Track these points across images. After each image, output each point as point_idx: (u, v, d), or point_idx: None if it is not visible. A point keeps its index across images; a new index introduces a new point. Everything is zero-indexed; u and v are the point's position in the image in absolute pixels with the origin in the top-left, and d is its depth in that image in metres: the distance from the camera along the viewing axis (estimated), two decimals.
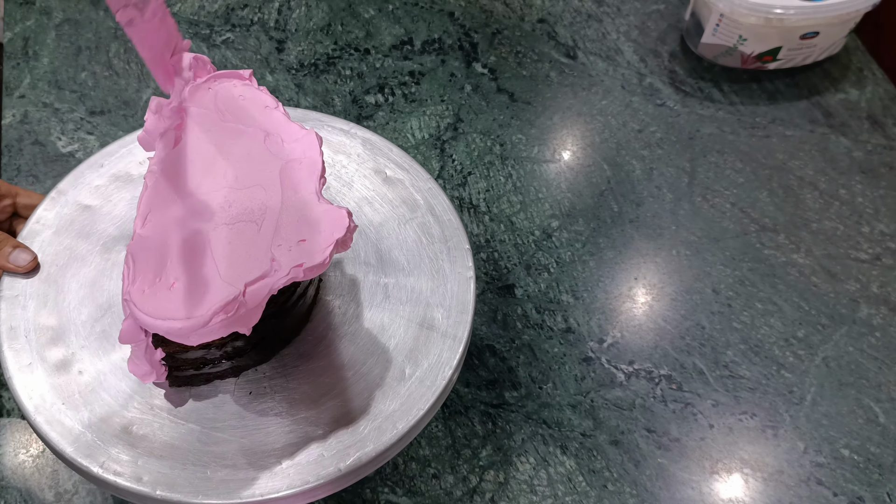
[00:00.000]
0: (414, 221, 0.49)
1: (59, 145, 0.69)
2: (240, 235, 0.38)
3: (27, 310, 0.44)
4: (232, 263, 0.37)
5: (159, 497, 0.38)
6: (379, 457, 0.40)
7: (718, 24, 0.75)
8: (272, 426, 0.41)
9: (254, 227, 0.38)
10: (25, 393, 0.41)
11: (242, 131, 0.42)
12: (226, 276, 0.36)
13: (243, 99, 0.43)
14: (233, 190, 0.40)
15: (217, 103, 0.43)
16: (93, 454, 0.39)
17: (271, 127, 0.42)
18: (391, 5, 0.83)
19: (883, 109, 0.76)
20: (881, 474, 0.55)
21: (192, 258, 0.37)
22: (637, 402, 0.58)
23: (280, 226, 0.38)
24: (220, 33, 0.79)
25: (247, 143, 0.41)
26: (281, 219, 0.38)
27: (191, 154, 0.41)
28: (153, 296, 0.36)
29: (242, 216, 0.39)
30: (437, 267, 0.47)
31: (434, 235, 0.49)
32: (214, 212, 0.39)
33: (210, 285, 0.36)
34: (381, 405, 0.42)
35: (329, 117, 0.54)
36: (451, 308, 0.46)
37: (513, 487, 0.53)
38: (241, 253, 0.37)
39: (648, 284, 0.64)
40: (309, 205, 0.39)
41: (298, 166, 0.40)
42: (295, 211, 0.38)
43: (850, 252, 0.66)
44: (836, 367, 0.60)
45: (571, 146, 0.73)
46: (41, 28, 0.78)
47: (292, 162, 0.40)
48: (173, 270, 0.37)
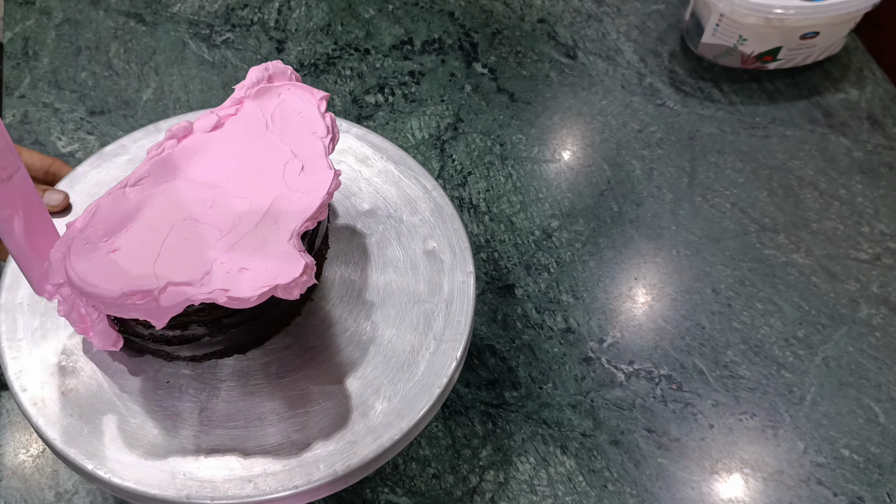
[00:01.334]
0: (414, 221, 0.49)
1: (59, 145, 0.69)
2: (198, 236, 0.38)
3: (27, 309, 0.44)
4: (172, 258, 0.37)
5: (159, 497, 0.38)
6: (379, 457, 0.40)
7: (718, 24, 0.75)
8: (272, 426, 0.41)
9: (215, 234, 0.38)
10: (25, 392, 0.41)
11: (274, 146, 0.41)
12: (158, 268, 0.36)
13: (299, 116, 0.42)
14: (222, 193, 0.40)
15: (274, 111, 0.42)
16: (93, 454, 0.39)
17: (302, 153, 0.41)
18: (391, 5, 0.83)
19: (883, 109, 0.76)
20: (881, 474, 0.55)
21: (144, 237, 0.37)
22: (637, 402, 0.58)
23: (237, 245, 0.37)
24: (220, 33, 0.79)
25: (268, 158, 0.41)
26: (244, 239, 0.38)
27: (214, 145, 0.41)
28: (90, 252, 0.36)
29: (212, 220, 0.38)
30: (437, 267, 0.47)
31: (434, 235, 0.49)
32: (193, 205, 0.39)
33: (140, 268, 0.36)
34: (381, 405, 0.42)
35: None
36: (450, 308, 0.46)
37: (513, 487, 0.53)
38: (187, 252, 0.37)
39: (648, 284, 0.64)
40: (276, 241, 0.38)
41: (294, 200, 0.39)
42: (260, 239, 0.38)
43: (850, 252, 0.66)
44: (836, 367, 0.60)
45: (571, 146, 0.73)
46: (41, 28, 0.78)
47: (293, 193, 0.40)
48: (122, 240, 0.37)
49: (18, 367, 0.42)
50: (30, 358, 0.42)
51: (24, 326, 0.43)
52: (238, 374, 0.43)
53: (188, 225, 0.38)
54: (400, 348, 0.44)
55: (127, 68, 0.75)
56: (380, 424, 0.41)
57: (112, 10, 0.80)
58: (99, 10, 0.80)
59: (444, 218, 0.49)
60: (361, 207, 0.50)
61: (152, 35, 0.78)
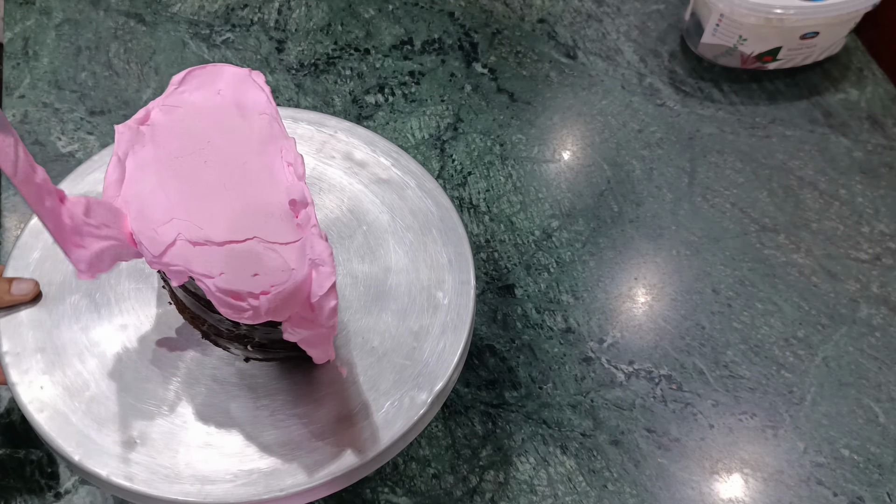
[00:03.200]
0: (414, 221, 0.49)
1: (59, 145, 0.69)
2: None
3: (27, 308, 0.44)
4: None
5: (158, 497, 0.38)
6: (379, 457, 0.40)
7: (718, 24, 0.75)
8: (272, 426, 0.41)
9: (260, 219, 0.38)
10: (25, 391, 0.41)
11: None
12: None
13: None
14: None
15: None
16: (93, 454, 0.39)
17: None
18: (391, 5, 0.83)
19: (883, 109, 0.76)
20: (881, 474, 0.55)
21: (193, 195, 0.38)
22: (637, 402, 0.58)
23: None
24: (220, 33, 0.79)
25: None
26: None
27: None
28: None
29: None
30: (437, 267, 0.47)
31: (434, 235, 0.49)
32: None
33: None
34: (381, 405, 0.42)
35: (329, 117, 0.54)
36: (450, 308, 0.46)
37: (513, 487, 0.53)
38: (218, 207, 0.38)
39: (648, 284, 0.64)
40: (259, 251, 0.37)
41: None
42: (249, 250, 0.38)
43: (850, 252, 0.66)
44: (836, 367, 0.60)
45: (571, 146, 0.73)
46: (41, 28, 0.78)
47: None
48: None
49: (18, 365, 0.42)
50: (30, 357, 0.42)
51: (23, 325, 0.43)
52: (238, 373, 0.43)
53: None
54: (399, 348, 0.44)
55: (127, 68, 0.75)
56: (380, 424, 0.41)
57: (112, 10, 0.80)
58: (99, 10, 0.80)
59: (444, 218, 0.49)
60: (361, 207, 0.50)
61: (152, 35, 0.78)
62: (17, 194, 0.66)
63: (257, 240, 0.37)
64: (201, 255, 0.36)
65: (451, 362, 0.43)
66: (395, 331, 0.45)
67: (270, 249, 0.37)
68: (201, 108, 0.42)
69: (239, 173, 0.40)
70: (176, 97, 0.43)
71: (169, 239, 0.37)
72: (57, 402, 0.41)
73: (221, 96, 0.43)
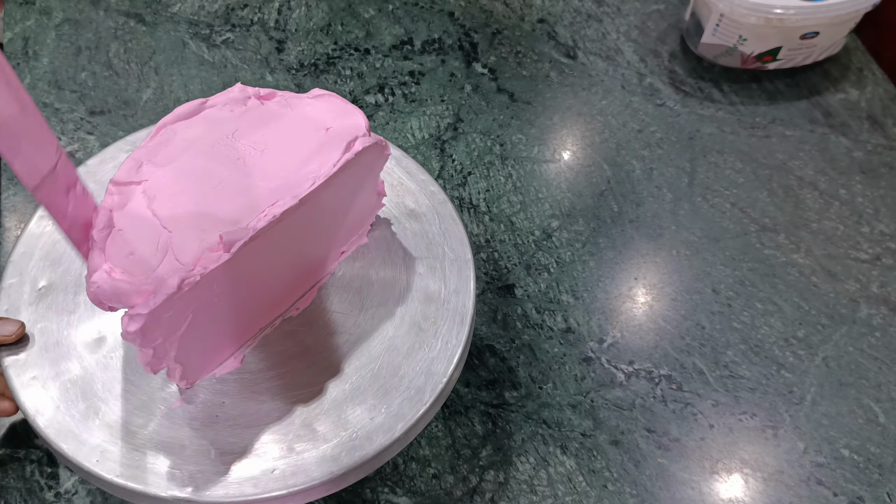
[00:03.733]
0: (414, 221, 0.49)
1: None
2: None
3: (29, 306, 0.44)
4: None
5: (158, 496, 0.38)
6: (379, 457, 0.40)
7: (718, 24, 0.75)
8: (271, 426, 0.41)
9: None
10: (25, 391, 0.41)
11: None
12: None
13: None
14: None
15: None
16: (92, 453, 0.39)
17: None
18: (391, 5, 0.83)
19: (883, 109, 0.76)
20: (881, 474, 0.55)
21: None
22: (637, 402, 0.58)
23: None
24: (220, 33, 0.79)
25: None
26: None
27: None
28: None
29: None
30: (437, 267, 0.47)
31: (434, 235, 0.49)
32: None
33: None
34: (381, 405, 0.42)
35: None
36: (450, 308, 0.46)
37: (513, 487, 0.53)
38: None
39: (648, 284, 0.64)
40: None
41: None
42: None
43: (850, 252, 0.66)
44: (836, 367, 0.60)
45: (571, 146, 0.73)
46: (41, 28, 0.78)
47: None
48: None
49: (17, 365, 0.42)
50: (29, 356, 0.42)
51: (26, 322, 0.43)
52: (237, 373, 0.43)
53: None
54: (400, 348, 0.44)
55: (127, 68, 0.75)
56: (380, 424, 0.41)
57: (112, 10, 0.80)
58: (99, 10, 0.80)
59: (444, 218, 0.49)
60: None
61: (152, 35, 0.78)
62: (17, 194, 0.66)
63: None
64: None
65: (451, 362, 0.43)
66: (394, 331, 0.45)
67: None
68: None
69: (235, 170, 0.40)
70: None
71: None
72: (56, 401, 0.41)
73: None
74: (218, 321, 0.40)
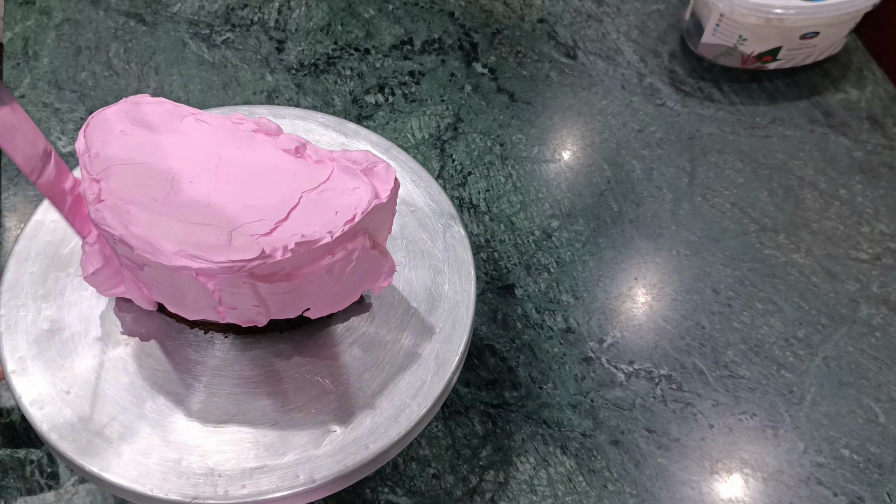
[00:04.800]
0: (413, 221, 0.49)
1: (59, 145, 0.69)
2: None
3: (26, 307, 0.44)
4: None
5: (158, 496, 0.38)
6: (379, 457, 0.40)
7: (718, 24, 0.75)
8: (271, 425, 0.41)
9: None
10: (24, 391, 0.41)
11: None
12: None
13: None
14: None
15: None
16: (92, 453, 0.39)
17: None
18: (391, 5, 0.83)
19: (883, 109, 0.76)
20: (881, 474, 0.55)
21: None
22: (637, 402, 0.58)
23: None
24: (220, 33, 0.79)
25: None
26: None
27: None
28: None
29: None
30: (437, 267, 0.47)
31: (434, 235, 0.49)
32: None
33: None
34: (381, 405, 0.42)
35: (329, 117, 0.54)
36: (450, 308, 0.46)
37: (513, 487, 0.53)
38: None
39: (648, 284, 0.64)
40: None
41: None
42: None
43: (850, 252, 0.66)
44: (836, 367, 0.60)
45: (571, 146, 0.73)
46: (41, 28, 0.78)
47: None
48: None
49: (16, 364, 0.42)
50: (28, 355, 0.42)
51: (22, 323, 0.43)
52: (237, 372, 0.43)
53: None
54: (400, 348, 0.44)
55: (127, 68, 0.75)
56: (379, 424, 0.41)
57: (112, 10, 0.80)
58: (99, 10, 0.80)
59: (444, 218, 0.49)
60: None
61: (152, 35, 0.78)
62: (17, 194, 0.66)
63: (304, 195, 0.37)
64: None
65: (451, 362, 0.43)
66: (394, 330, 0.45)
67: (322, 192, 0.37)
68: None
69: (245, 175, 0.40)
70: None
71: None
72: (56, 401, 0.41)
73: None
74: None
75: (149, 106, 0.42)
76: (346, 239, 0.37)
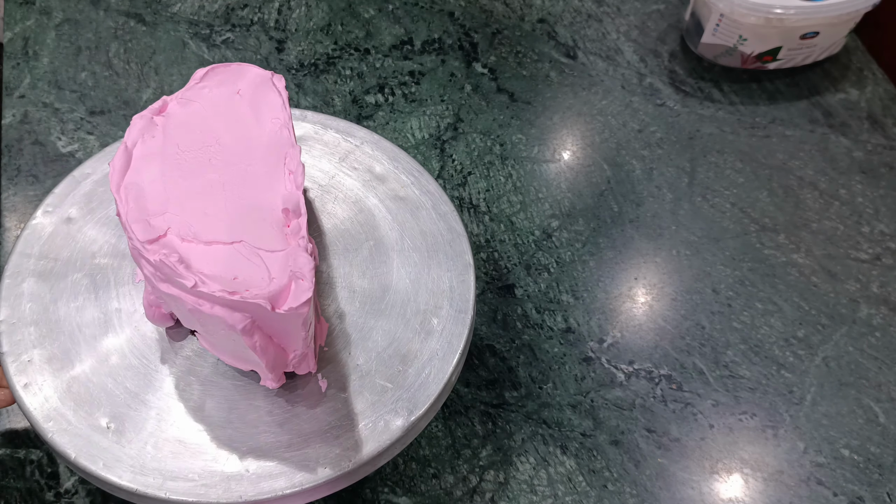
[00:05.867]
0: (413, 221, 0.49)
1: (59, 145, 0.69)
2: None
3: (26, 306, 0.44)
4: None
5: (158, 497, 0.38)
6: (378, 457, 0.40)
7: (718, 24, 0.75)
8: (271, 426, 0.41)
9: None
10: (26, 391, 0.41)
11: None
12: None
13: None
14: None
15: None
16: (92, 453, 0.39)
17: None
18: (391, 5, 0.83)
19: (883, 109, 0.76)
20: (881, 474, 0.55)
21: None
22: (637, 402, 0.58)
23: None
24: (220, 33, 0.79)
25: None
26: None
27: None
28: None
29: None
30: (437, 267, 0.47)
31: (434, 235, 0.49)
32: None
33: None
34: (381, 405, 0.42)
35: (329, 117, 0.54)
36: (450, 308, 0.46)
37: (513, 487, 0.53)
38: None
39: (648, 284, 0.64)
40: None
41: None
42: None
43: (850, 252, 0.66)
44: (836, 367, 0.60)
45: (571, 146, 0.73)
46: (41, 28, 0.78)
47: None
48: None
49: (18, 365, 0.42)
50: (30, 356, 0.42)
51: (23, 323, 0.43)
52: (237, 372, 0.43)
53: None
54: (400, 348, 0.44)
55: (127, 68, 0.75)
56: (379, 424, 0.41)
57: (112, 10, 0.80)
58: (99, 10, 0.80)
59: (444, 218, 0.49)
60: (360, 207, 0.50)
61: (152, 35, 0.78)
62: (17, 194, 0.66)
63: (244, 244, 0.37)
64: (186, 250, 0.36)
65: (451, 362, 0.43)
66: (394, 331, 0.45)
67: (255, 255, 0.37)
68: (217, 105, 0.43)
69: (240, 175, 0.40)
70: (195, 91, 0.43)
71: (160, 230, 0.37)
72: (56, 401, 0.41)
73: (240, 96, 0.43)
74: None
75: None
76: (215, 301, 0.36)
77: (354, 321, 0.45)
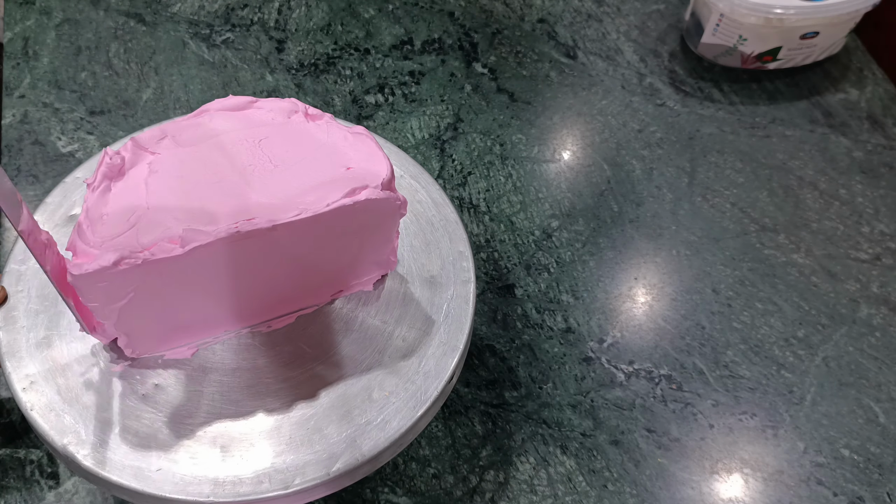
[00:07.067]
0: (414, 222, 0.49)
1: (59, 145, 0.69)
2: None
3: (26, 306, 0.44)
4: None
5: (158, 495, 0.38)
6: (378, 457, 0.40)
7: (718, 24, 0.75)
8: (271, 426, 0.41)
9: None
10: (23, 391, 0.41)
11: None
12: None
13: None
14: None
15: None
16: (91, 453, 0.39)
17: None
18: (391, 5, 0.83)
19: (883, 109, 0.76)
20: (881, 474, 0.55)
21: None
22: (637, 402, 0.58)
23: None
24: (220, 33, 0.79)
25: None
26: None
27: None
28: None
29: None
30: (437, 267, 0.47)
31: (434, 235, 0.49)
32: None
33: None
34: (381, 405, 0.42)
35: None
36: (451, 308, 0.46)
37: (513, 487, 0.53)
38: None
39: (648, 284, 0.64)
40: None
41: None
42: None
43: (850, 252, 0.66)
44: (836, 367, 0.60)
45: (571, 146, 0.73)
46: (41, 28, 0.78)
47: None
48: None
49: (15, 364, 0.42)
50: (30, 356, 0.42)
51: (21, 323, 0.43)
52: (237, 371, 0.43)
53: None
54: (400, 348, 0.44)
55: (127, 68, 0.75)
56: (380, 424, 0.41)
57: (112, 10, 0.80)
58: (99, 10, 0.80)
59: (444, 218, 0.49)
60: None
61: (152, 35, 0.78)
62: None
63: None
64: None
65: (451, 362, 0.43)
66: (394, 331, 0.45)
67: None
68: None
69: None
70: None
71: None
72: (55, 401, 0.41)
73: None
74: (172, 308, 0.40)
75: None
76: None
77: (352, 319, 0.45)
